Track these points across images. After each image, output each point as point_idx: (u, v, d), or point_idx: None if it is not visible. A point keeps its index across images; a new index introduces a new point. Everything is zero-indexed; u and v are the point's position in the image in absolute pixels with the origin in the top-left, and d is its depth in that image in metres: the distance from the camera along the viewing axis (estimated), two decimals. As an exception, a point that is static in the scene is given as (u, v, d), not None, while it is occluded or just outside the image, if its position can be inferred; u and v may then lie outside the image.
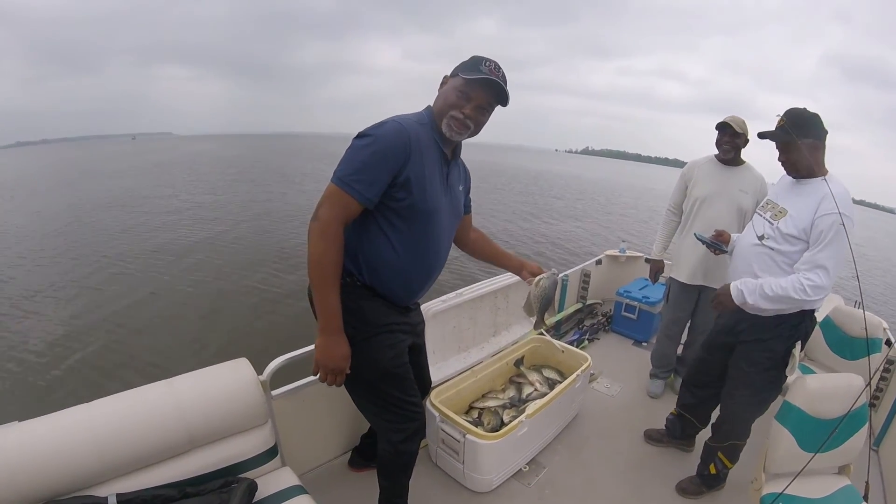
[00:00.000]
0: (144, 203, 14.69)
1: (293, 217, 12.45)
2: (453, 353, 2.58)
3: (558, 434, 2.63)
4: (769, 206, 1.96)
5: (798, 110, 1.82)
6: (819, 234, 1.73)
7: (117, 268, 8.00)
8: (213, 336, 5.67)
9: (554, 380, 2.74)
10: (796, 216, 1.81)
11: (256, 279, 7.59)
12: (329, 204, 1.38)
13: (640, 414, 2.94)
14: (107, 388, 1.51)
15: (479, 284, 2.61)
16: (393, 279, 1.55)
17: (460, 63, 1.51)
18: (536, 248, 11.32)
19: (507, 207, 17.37)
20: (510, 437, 2.12)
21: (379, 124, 1.42)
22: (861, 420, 1.87)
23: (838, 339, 2.78)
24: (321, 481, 2.14)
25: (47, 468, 1.25)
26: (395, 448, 1.72)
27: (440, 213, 1.56)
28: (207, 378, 1.58)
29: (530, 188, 25.65)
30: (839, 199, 1.71)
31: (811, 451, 1.74)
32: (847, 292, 3.58)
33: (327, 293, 1.42)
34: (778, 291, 1.77)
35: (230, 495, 1.42)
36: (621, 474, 2.42)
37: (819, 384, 1.84)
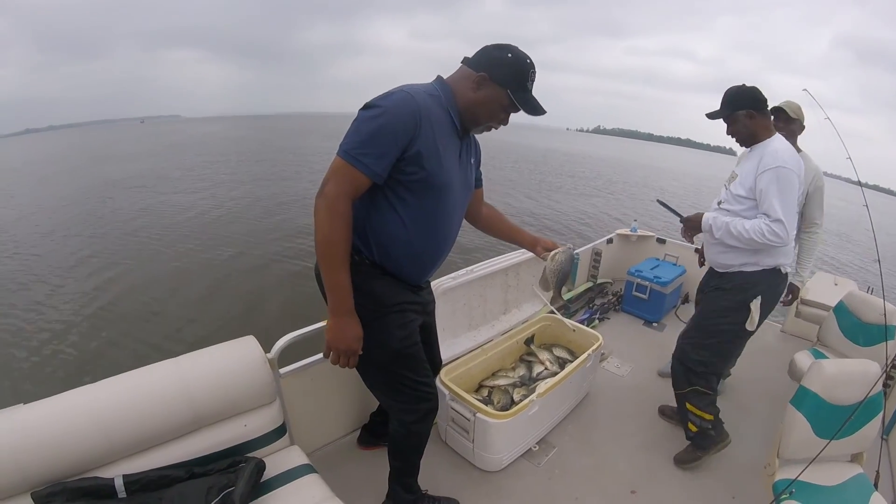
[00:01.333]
0: (160, 183, 14.77)
1: (303, 195, 12.45)
2: (463, 330, 2.54)
3: (568, 414, 2.62)
4: (731, 176, 2.14)
5: (733, 88, 2.04)
6: (761, 189, 1.91)
7: (128, 249, 8.03)
8: (220, 313, 5.69)
9: (564, 359, 2.71)
10: (743, 177, 2.01)
11: (265, 257, 7.61)
12: (336, 179, 1.31)
13: (650, 394, 2.91)
14: (113, 368, 1.49)
15: (489, 261, 2.56)
16: (403, 256, 1.49)
17: (504, 64, 1.42)
18: (548, 225, 11.31)
19: (518, 185, 17.27)
20: (521, 416, 2.10)
21: (386, 94, 1.34)
22: (876, 408, 1.83)
23: (851, 325, 2.72)
24: (330, 460, 2.13)
25: (53, 450, 1.24)
26: (407, 429, 1.70)
27: (452, 188, 1.49)
28: (214, 356, 1.55)
29: (541, 167, 25.43)
30: (777, 154, 1.90)
31: (826, 437, 1.72)
32: (861, 278, 3.52)
33: (337, 272, 1.36)
34: (741, 230, 1.95)
35: (238, 475, 1.41)
36: (631, 455, 2.40)
37: (836, 369, 1.80)
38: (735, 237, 1.98)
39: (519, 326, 2.82)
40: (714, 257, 2.19)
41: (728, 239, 2.02)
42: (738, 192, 2.01)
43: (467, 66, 1.45)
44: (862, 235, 14.58)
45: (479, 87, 1.43)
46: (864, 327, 2.67)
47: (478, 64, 1.43)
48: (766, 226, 1.89)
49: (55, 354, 4.76)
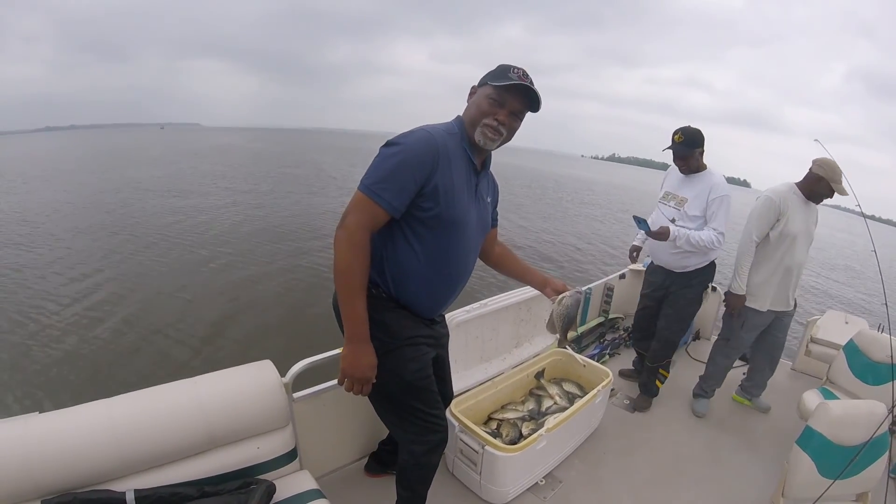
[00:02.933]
0: (177, 191, 15.07)
1: (325, 215, 12.58)
2: (475, 363, 2.55)
3: (576, 449, 2.60)
4: (670, 197, 2.73)
5: (691, 130, 2.56)
6: (714, 211, 2.59)
7: (145, 263, 8.09)
8: (238, 336, 5.71)
9: (574, 394, 2.71)
10: (694, 203, 2.62)
11: (283, 280, 7.65)
12: (356, 212, 1.37)
13: (658, 432, 2.90)
14: (127, 386, 1.52)
15: (503, 295, 2.58)
16: (418, 291, 1.54)
17: (487, 73, 1.50)
18: (565, 256, 11.32)
19: (530, 211, 17.35)
20: (528, 450, 2.10)
21: (408, 133, 1.42)
22: (882, 448, 1.84)
23: (862, 365, 2.72)
24: (338, 485, 2.13)
25: (66, 460, 1.26)
26: (416, 460, 1.70)
27: (468, 224, 1.54)
28: (231, 379, 1.58)
29: (558, 193, 25.50)
30: (723, 185, 2.60)
31: (830, 477, 1.74)
32: (872, 317, 3.51)
33: (354, 302, 1.40)
34: (699, 240, 2.57)
35: (248, 496, 1.41)
36: (638, 492, 2.38)
37: (842, 411, 1.82)
38: (693, 245, 2.58)
39: (530, 360, 2.82)
40: (676, 261, 2.76)
41: (687, 246, 2.60)
42: (694, 213, 2.62)
43: None
44: (873, 271, 14.50)
45: (470, 97, 1.53)
46: (873, 366, 2.66)
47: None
48: (715, 236, 2.58)
49: (69, 365, 4.79)
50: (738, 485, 2.49)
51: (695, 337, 4.29)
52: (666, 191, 2.77)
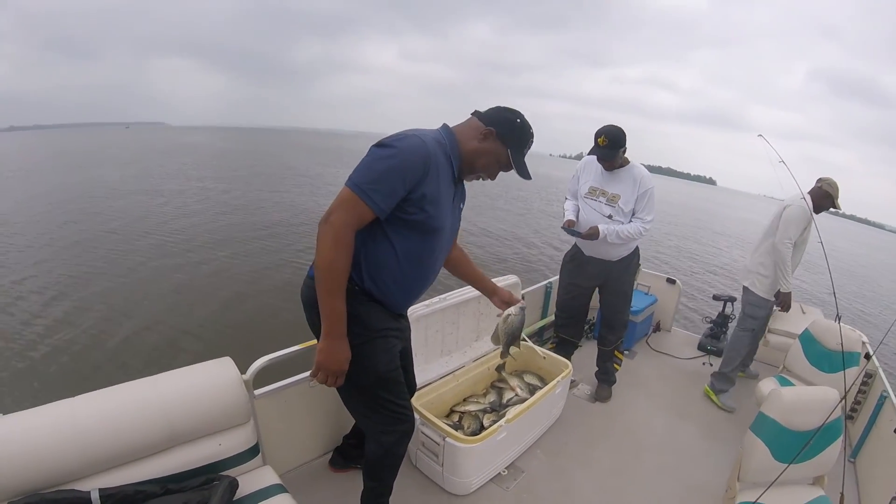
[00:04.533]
0: (141, 192, 14.70)
1: (288, 214, 12.46)
2: (436, 356, 2.61)
3: (538, 439, 2.68)
4: (598, 192, 2.82)
5: (614, 131, 2.62)
6: (643, 203, 2.75)
7: (106, 260, 7.99)
8: (196, 334, 5.67)
9: (535, 385, 2.78)
10: (627, 197, 2.74)
11: (244, 278, 7.60)
12: (344, 209, 1.38)
13: (619, 421, 3.01)
14: (89, 384, 1.53)
15: (462, 290, 2.64)
16: (392, 287, 1.57)
17: (511, 126, 1.57)
18: (525, 251, 11.47)
19: (497, 212, 17.48)
20: (489, 441, 2.16)
21: (401, 137, 1.43)
22: (836, 433, 1.91)
23: (817, 353, 2.82)
24: (302, 481, 2.16)
25: (30, 461, 1.26)
26: (384, 450, 1.75)
27: (444, 230, 1.61)
28: (191, 376, 1.60)
29: (522, 194, 25.73)
30: (648, 178, 2.74)
31: (785, 461, 1.78)
32: (827, 307, 3.66)
33: (335, 298, 1.42)
34: (629, 232, 2.73)
35: (211, 493, 1.44)
36: (599, 480, 2.47)
37: (794, 397, 1.88)
38: (623, 238, 2.74)
39: (490, 353, 2.89)
40: (610, 251, 2.87)
41: (617, 241, 2.75)
42: (627, 208, 2.75)
43: (477, 119, 1.59)
44: (831, 262, 15.11)
45: (485, 139, 1.57)
46: (828, 354, 2.76)
47: (489, 119, 1.57)
48: (642, 226, 2.76)
49: (30, 365, 4.72)
50: (698, 471, 2.60)
51: (655, 329, 4.44)
52: (591, 186, 2.85)
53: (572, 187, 2.99)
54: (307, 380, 2.10)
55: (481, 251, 10.54)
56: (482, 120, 1.58)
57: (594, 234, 2.69)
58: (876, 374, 3.01)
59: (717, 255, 15.91)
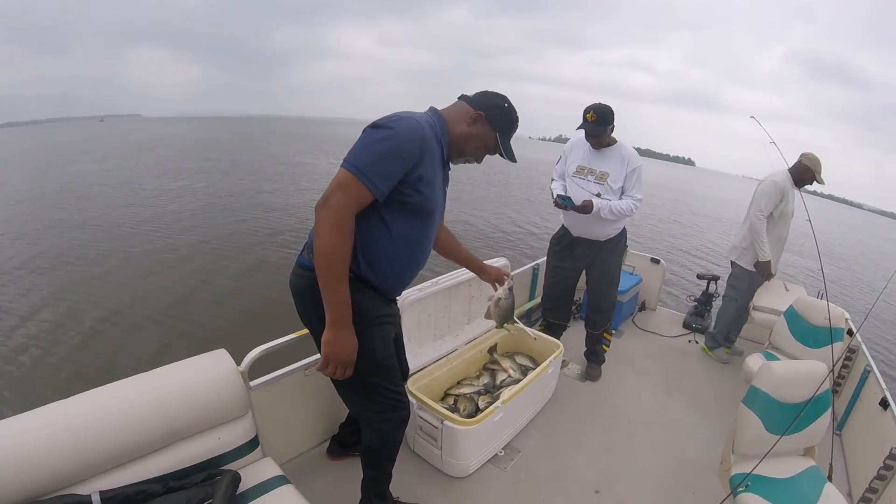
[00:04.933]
0: (121, 186, 14.39)
1: (268, 205, 12.33)
2: (429, 340, 2.61)
3: (532, 419, 2.71)
4: (586, 171, 2.82)
5: (603, 108, 2.62)
6: (632, 181, 2.77)
7: (87, 257, 7.80)
8: (182, 329, 5.58)
9: (527, 366, 2.82)
10: (615, 175, 2.75)
11: (230, 270, 7.52)
12: (343, 192, 1.34)
13: (609, 399, 3.06)
14: (81, 384, 1.48)
15: (453, 273, 2.64)
16: (387, 271, 1.56)
17: (499, 110, 1.61)
18: (508, 234, 11.54)
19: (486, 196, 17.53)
20: (486, 422, 2.18)
21: (396, 118, 1.42)
22: (824, 405, 1.96)
23: (801, 329, 2.89)
24: (301, 471, 2.15)
25: (25, 468, 1.22)
26: (382, 438, 1.75)
27: (436, 213, 1.61)
28: (187, 370, 1.57)
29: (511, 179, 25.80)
30: (635, 156, 2.77)
31: (777, 433, 1.82)
32: (810, 285, 3.76)
33: (339, 285, 1.38)
34: (622, 207, 2.74)
35: (215, 488, 1.42)
36: (593, 457, 2.51)
37: (784, 371, 1.92)
38: (616, 214, 2.74)
39: (482, 336, 2.91)
40: (599, 230, 2.87)
41: (610, 216, 2.74)
42: (617, 185, 2.75)
43: (466, 103, 1.61)
44: (809, 242, 15.48)
45: (474, 123, 1.59)
46: (813, 330, 2.83)
47: (478, 104, 1.59)
48: (633, 203, 2.77)
49: (17, 367, 4.61)
50: (689, 446, 2.66)
51: (640, 308, 4.51)
52: (579, 165, 2.85)
53: (559, 169, 2.99)
54: (301, 369, 2.09)
55: (465, 235, 10.55)
56: (471, 104, 1.60)
57: (588, 206, 2.67)
58: (859, 349, 3.11)
59: (698, 234, 16.19)
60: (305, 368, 2.10)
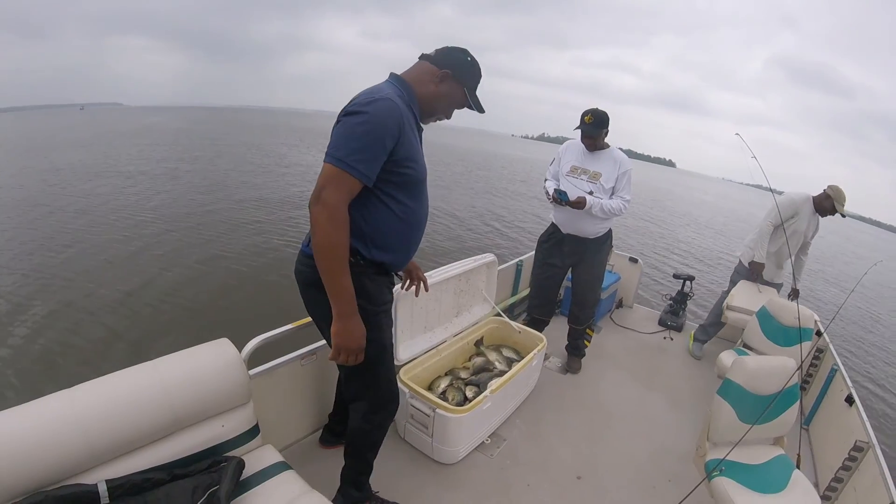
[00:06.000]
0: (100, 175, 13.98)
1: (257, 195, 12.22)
2: (420, 332, 2.67)
3: (517, 409, 2.80)
4: (580, 171, 2.95)
5: (599, 112, 2.78)
6: (622, 183, 2.89)
7: (76, 247, 7.58)
8: (177, 319, 5.53)
9: (512, 358, 2.90)
10: (607, 176, 2.88)
11: (222, 260, 7.45)
12: (333, 186, 1.35)
13: (590, 391, 3.17)
14: (76, 375, 1.47)
15: (444, 268, 2.69)
16: (397, 247, 1.61)
17: (464, 65, 1.61)
18: (495, 230, 11.68)
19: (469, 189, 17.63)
20: (476, 411, 2.25)
21: (369, 100, 1.41)
22: (793, 397, 2.08)
23: (773, 328, 3.04)
24: (298, 457, 2.19)
25: (32, 458, 1.21)
26: (372, 426, 1.79)
27: (425, 179, 1.65)
28: (191, 359, 1.58)
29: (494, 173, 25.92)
30: (627, 160, 2.90)
31: (749, 422, 1.95)
32: (782, 290, 3.93)
33: (342, 276, 1.41)
34: (612, 206, 2.85)
35: (221, 473, 1.44)
36: (575, 445, 2.61)
37: (756, 365, 2.05)
38: (606, 212, 2.85)
39: (469, 328, 2.98)
40: (589, 228, 2.97)
41: (601, 214, 2.85)
42: (609, 185, 2.87)
43: (429, 62, 1.60)
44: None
45: (442, 82, 1.59)
46: (783, 330, 2.98)
47: (442, 61, 1.59)
48: (623, 203, 2.89)
49: (19, 358, 4.51)
50: (666, 435, 2.78)
51: (618, 305, 4.64)
52: (573, 165, 2.97)
53: (553, 170, 3.09)
54: (298, 358, 2.12)
55: (448, 232, 10.62)
56: (435, 63, 1.60)
57: (581, 202, 2.77)
58: (827, 349, 3.27)
59: (674, 235, 16.56)
60: (302, 358, 2.13)
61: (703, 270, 11.41)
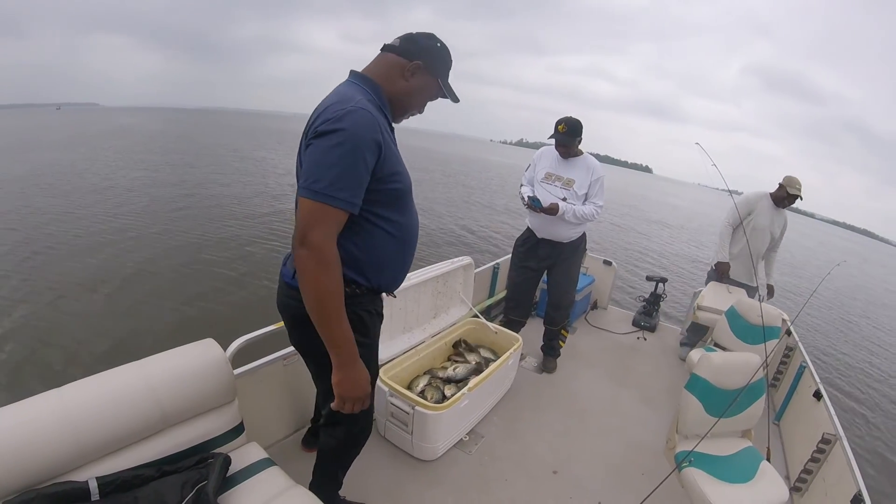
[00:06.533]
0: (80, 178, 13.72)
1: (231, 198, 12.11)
2: (399, 333, 2.73)
3: (494, 407, 2.87)
4: (554, 177, 3.03)
5: (573, 120, 2.87)
6: (595, 189, 2.97)
7: (57, 249, 7.49)
8: (159, 320, 5.51)
9: (489, 358, 2.97)
10: (581, 182, 2.96)
11: (198, 261, 7.44)
12: (318, 225, 1.19)
13: (564, 389, 3.26)
14: (64, 375, 1.50)
15: (423, 270, 2.77)
16: (395, 268, 1.50)
17: (435, 53, 1.43)
18: (472, 235, 11.77)
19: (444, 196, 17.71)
20: (454, 408, 2.32)
21: (340, 114, 1.22)
22: (759, 392, 2.18)
23: (740, 327, 3.16)
24: (282, 454, 2.22)
25: (23, 457, 1.23)
26: (345, 449, 1.77)
27: (412, 189, 1.50)
28: (177, 358, 1.62)
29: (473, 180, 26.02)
30: (599, 167, 2.98)
31: (716, 415, 2.03)
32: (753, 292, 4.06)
33: (340, 324, 1.27)
34: (585, 212, 2.93)
35: (209, 469, 1.49)
36: (551, 441, 2.69)
37: (721, 360, 2.15)
38: (578, 218, 2.93)
39: (447, 329, 3.05)
40: (563, 232, 3.04)
41: (574, 219, 2.93)
42: (582, 192, 2.95)
43: (395, 55, 1.41)
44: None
45: (414, 76, 1.41)
46: (751, 328, 3.10)
47: (412, 52, 1.40)
48: (595, 209, 2.97)
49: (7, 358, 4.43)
50: (638, 432, 2.88)
51: (593, 306, 4.75)
52: (547, 172, 3.05)
53: (528, 175, 3.17)
54: (281, 359, 2.17)
55: (426, 236, 10.69)
56: (402, 54, 1.40)
57: (554, 209, 2.86)
58: (796, 346, 3.41)
59: (648, 239, 16.86)
60: (284, 358, 2.18)
61: (676, 273, 11.67)
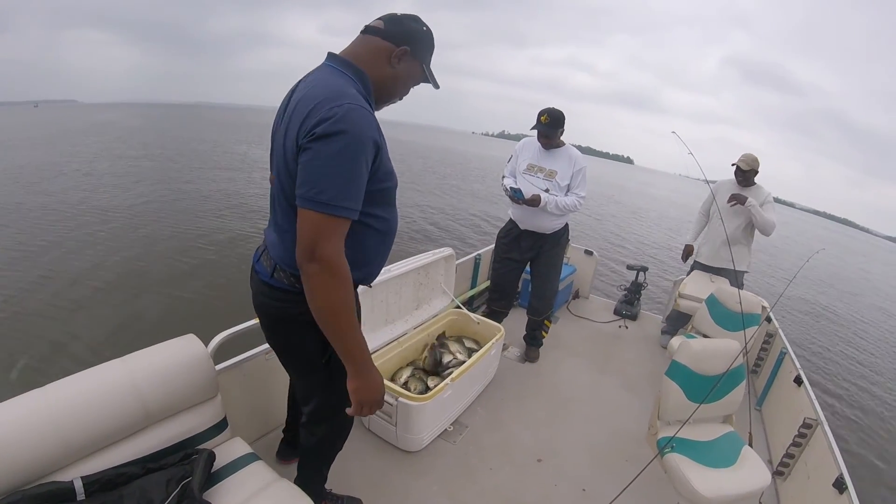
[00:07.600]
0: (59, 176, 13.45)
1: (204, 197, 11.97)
2: (381, 325, 2.75)
3: (477, 397, 2.90)
4: (536, 169, 3.04)
5: (555, 112, 2.86)
6: (577, 180, 2.99)
7: (39, 246, 7.39)
8: (142, 314, 5.51)
9: (472, 348, 3.00)
10: (563, 173, 2.98)
11: (186, 256, 7.43)
12: (326, 238, 1.14)
13: (547, 378, 3.30)
14: (48, 373, 1.49)
15: (404, 261, 2.79)
16: (378, 261, 1.49)
17: (422, 37, 1.36)
18: (453, 225, 11.79)
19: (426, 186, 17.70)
20: (437, 398, 2.34)
21: (339, 113, 1.13)
22: (739, 377, 2.22)
23: (721, 314, 3.20)
24: (266, 449, 2.23)
25: (7, 458, 1.22)
26: (328, 447, 1.80)
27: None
28: (159, 354, 1.61)
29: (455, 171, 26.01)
30: (581, 157, 3.00)
31: (697, 401, 2.07)
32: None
33: (355, 334, 1.25)
34: (567, 203, 2.96)
35: (193, 465, 1.49)
36: (534, 430, 2.73)
37: (702, 347, 2.18)
38: (561, 209, 2.96)
39: (429, 320, 3.07)
40: (546, 224, 3.07)
41: (556, 211, 2.96)
42: (564, 183, 2.98)
43: (379, 38, 1.32)
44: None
45: (400, 61, 1.34)
46: (731, 315, 3.13)
47: (398, 36, 1.32)
48: (577, 200, 2.99)
49: None
50: (620, 419, 2.93)
51: (575, 296, 4.81)
52: (529, 163, 3.06)
53: (511, 167, 3.18)
54: (262, 353, 2.17)
55: (407, 227, 10.71)
56: (389, 38, 1.32)
57: (536, 200, 2.87)
58: (776, 333, 3.48)
59: (628, 228, 17.06)
60: (266, 352, 2.18)
61: (657, 261, 11.82)
